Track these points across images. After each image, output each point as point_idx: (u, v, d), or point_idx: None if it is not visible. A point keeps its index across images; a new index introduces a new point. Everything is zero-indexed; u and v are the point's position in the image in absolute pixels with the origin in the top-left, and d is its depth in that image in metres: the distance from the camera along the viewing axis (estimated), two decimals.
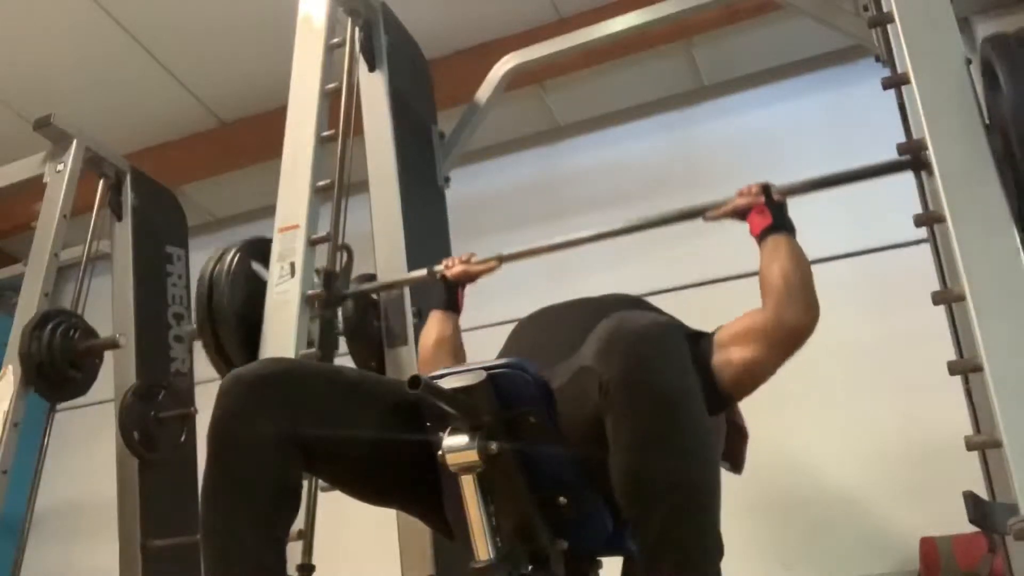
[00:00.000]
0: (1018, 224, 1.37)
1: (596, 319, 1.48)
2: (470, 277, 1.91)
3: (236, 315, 2.00)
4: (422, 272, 2.02)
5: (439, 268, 1.93)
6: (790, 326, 1.38)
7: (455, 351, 1.83)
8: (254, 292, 2.04)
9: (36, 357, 2.46)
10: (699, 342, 1.40)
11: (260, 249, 2.11)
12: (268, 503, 1.24)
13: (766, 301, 1.42)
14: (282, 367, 1.35)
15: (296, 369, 1.37)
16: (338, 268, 2.08)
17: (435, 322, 1.86)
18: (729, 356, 1.37)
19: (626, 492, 1.12)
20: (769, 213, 1.54)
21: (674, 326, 1.21)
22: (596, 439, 1.16)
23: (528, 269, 1.98)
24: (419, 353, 1.88)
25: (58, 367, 2.51)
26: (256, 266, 2.08)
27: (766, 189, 1.57)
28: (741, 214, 1.59)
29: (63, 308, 2.67)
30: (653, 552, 1.09)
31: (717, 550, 1.12)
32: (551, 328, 1.60)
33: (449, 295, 1.89)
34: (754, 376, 1.38)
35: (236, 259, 2.06)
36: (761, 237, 1.53)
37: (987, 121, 1.46)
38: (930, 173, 1.48)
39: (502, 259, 1.93)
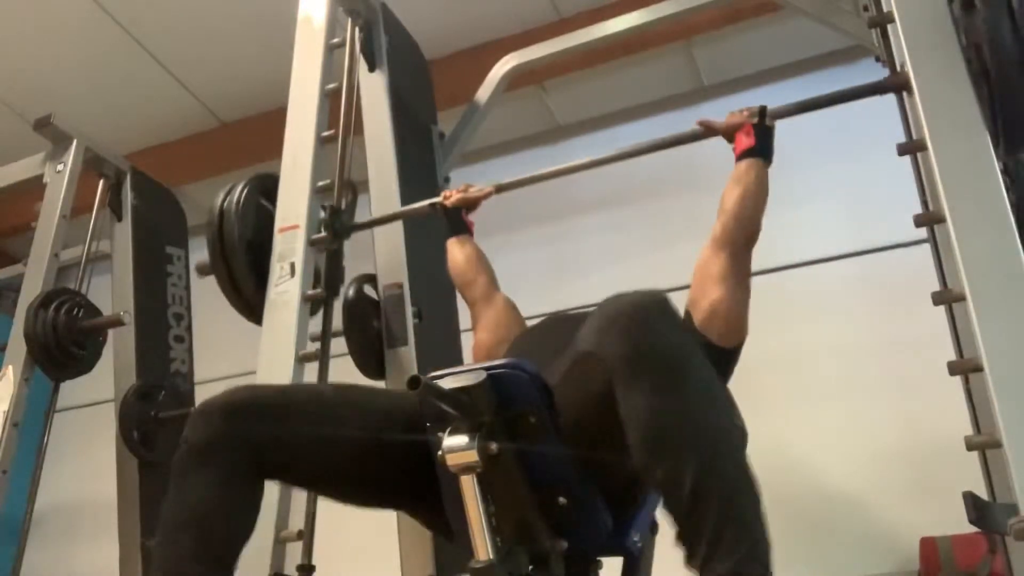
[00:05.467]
0: (996, 149, 1.41)
1: None
2: (468, 203, 1.97)
3: (246, 244, 2.07)
4: (421, 204, 2.06)
5: (437, 200, 1.99)
6: (739, 248, 1.49)
7: (486, 267, 1.90)
8: (262, 224, 2.11)
9: (40, 336, 2.49)
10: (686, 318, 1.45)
11: (267, 185, 2.18)
12: (222, 539, 1.24)
13: (717, 222, 1.53)
14: (252, 394, 1.34)
15: (266, 396, 1.36)
16: (344, 205, 2.13)
17: (455, 247, 1.94)
18: (706, 307, 1.45)
19: (650, 454, 1.10)
20: (754, 136, 1.60)
21: (663, 296, 1.22)
22: (599, 426, 1.17)
23: (528, 268, 1.98)
24: (454, 279, 1.94)
25: (62, 345, 2.54)
26: (263, 201, 2.16)
27: (761, 111, 1.63)
28: (730, 133, 1.66)
29: (66, 287, 2.68)
30: (692, 506, 1.05)
31: (754, 494, 1.09)
32: (553, 333, 1.61)
33: (455, 221, 1.97)
34: (736, 310, 1.46)
35: (245, 193, 2.13)
36: (739, 158, 1.60)
37: (963, 43, 1.49)
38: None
39: (499, 188, 2.00)
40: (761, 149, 1.60)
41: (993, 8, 1.39)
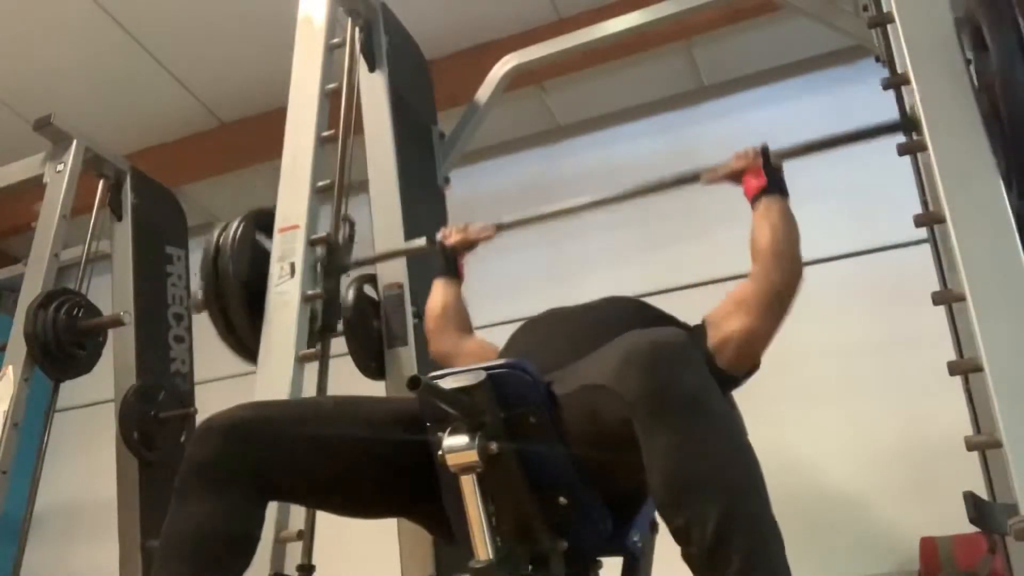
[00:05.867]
0: (1008, 186, 1.38)
1: (597, 326, 1.48)
2: (469, 244, 1.94)
3: (241, 284, 2.03)
4: (420, 241, 2.04)
5: (438, 237, 1.96)
6: (778, 288, 1.43)
7: (460, 319, 1.85)
8: (258, 261, 2.07)
9: (41, 336, 2.49)
10: (693, 332, 1.42)
11: (264, 220, 2.14)
12: (223, 555, 1.23)
13: (754, 265, 1.47)
14: (254, 413, 1.33)
15: (269, 415, 1.35)
16: (341, 240, 2.11)
17: (438, 290, 1.89)
18: (723, 331, 1.41)
19: (672, 502, 1.08)
20: (764, 176, 1.56)
21: (684, 335, 1.20)
22: (604, 449, 1.17)
23: (528, 268, 1.98)
24: (426, 323, 1.90)
25: (62, 345, 2.53)
26: (260, 237, 2.11)
27: (764, 152, 1.59)
28: (737, 177, 1.61)
29: (66, 287, 2.68)
30: (714, 556, 1.04)
31: (779, 540, 1.07)
32: (553, 332, 1.60)
33: (449, 263, 1.92)
34: (752, 345, 1.42)
35: (241, 229, 2.08)
36: (755, 200, 1.55)
37: (975, 85, 1.46)
38: (924, 149, 1.48)
39: (500, 227, 1.96)
40: (776, 187, 1.55)
41: (1006, 48, 1.35)
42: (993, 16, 1.39)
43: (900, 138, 1.67)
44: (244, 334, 2.03)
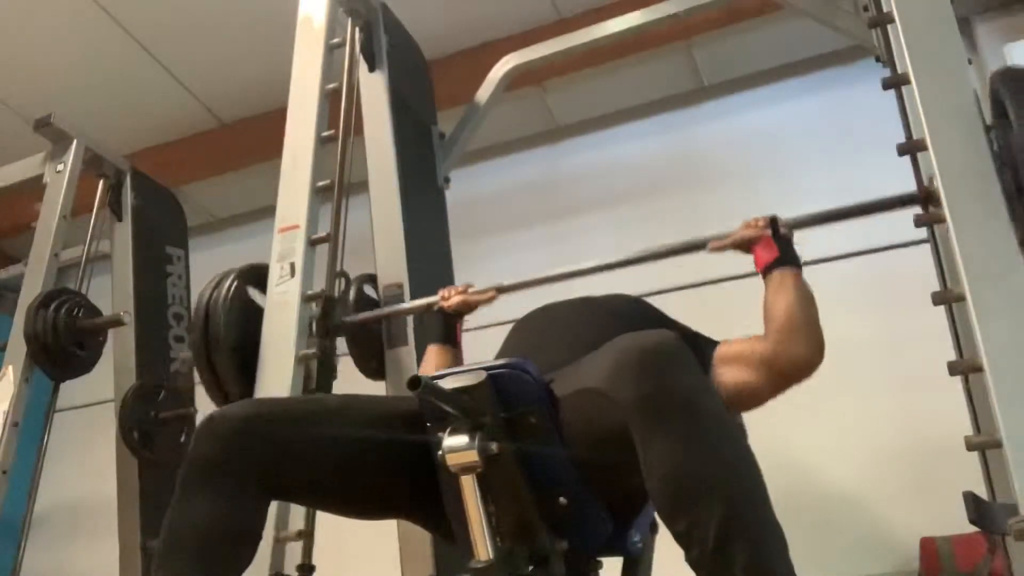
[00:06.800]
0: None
1: (596, 323, 1.48)
2: (468, 308, 1.86)
3: (231, 345, 1.98)
4: (421, 302, 1.97)
5: (436, 299, 1.87)
6: (792, 361, 1.37)
7: None
8: (250, 320, 2.02)
9: (41, 336, 2.49)
10: (696, 344, 1.40)
11: (257, 275, 2.09)
12: (226, 552, 1.23)
13: (769, 332, 1.41)
14: (257, 410, 1.33)
15: (272, 412, 1.35)
16: (337, 293, 2.06)
17: (433, 356, 1.80)
18: (724, 376, 1.39)
19: (673, 505, 1.08)
20: (776, 247, 1.49)
21: (675, 336, 1.19)
22: (602, 452, 1.17)
23: (528, 268, 1.98)
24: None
25: (62, 345, 2.54)
26: (252, 292, 2.07)
27: (773, 222, 1.52)
28: (746, 246, 1.55)
29: (66, 287, 2.68)
30: (717, 560, 1.04)
31: (782, 540, 1.07)
32: (552, 328, 1.60)
33: (447, 329, 1.84)
34: (743, 401, 1.39)
35: (233, 287, 2.04)
36: (766, 271, 1.49)
37: (996, 163, 1.41)
38: (938, 205, 1.44)
39: (500, 290, 1.89)
40: (787, 259, 1.48)
41: None
42: (1017, 93, 1.39)
43: (900, 137, 1.67)
44: (233, 397, 1.98)
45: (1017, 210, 1.38)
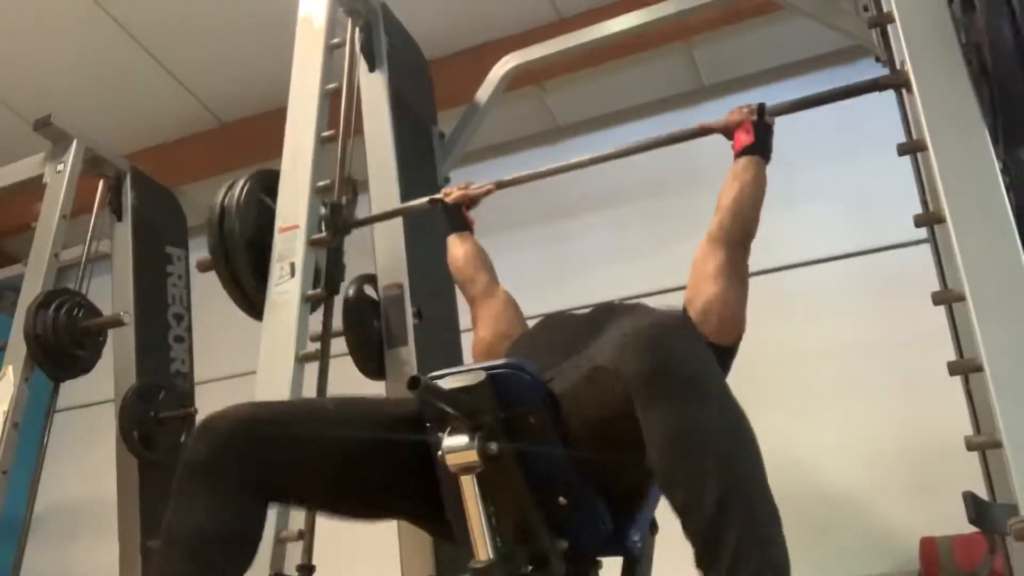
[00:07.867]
0: (995, 146, 1.41)
1: (600, 323, 1.48)
2: (469, 200, 1.97)
3: (247, 241, 2.09)
4: (421, 200, 2.06)
5: (438, 196, 1.98)
6: (734, 245, 1.49)
7: (485, 263, 1.90)
8: (263, 220, 2.12)
9: (41, 336, 2.49)
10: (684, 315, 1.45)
11: (268, 181, 2.19)
12: (225, 554, 1.22)
13: (713, 219, 1.53)
14: (254, 413, 1.32)
15: (270, 414, 1.35)
16: (343, 202, 2.13)
17: (455, 243, 1.93)
18: (700, 304, 1.45)
19: (673, 473, 1.09)
20: (753, 134, 1.61)
21: (676, 313, 1.21)
22: (610, 439, 1.17)
23: (528, 268, 1.99)
24: (455, 275, 1.93)
25: (62, 345, 2.54)
26: (264, 197, 2.17)
27: (760, 108, 1.64)
28: (730, 131, 1.66)
29: (66, 287, 2.68)
30: (713, 530, 1.05)
31: (776, 516, 1.08)
32: (554, 333, 1.61)
33: (456, 218, 1.97)
34: (729, 307, 1.45)
35: (246, 189, 2.14)
36: (738, 155, 1.60)
37: (963, 41, 1.50)
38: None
39: (499, 184, 2.00)
40: (760, 146, 1.60)
41: (992, 8, 1.39)
42: None
43: (900, 137, 1.67)
44: (250, 291, 2.10)
45: (983, 92, 1.43)
